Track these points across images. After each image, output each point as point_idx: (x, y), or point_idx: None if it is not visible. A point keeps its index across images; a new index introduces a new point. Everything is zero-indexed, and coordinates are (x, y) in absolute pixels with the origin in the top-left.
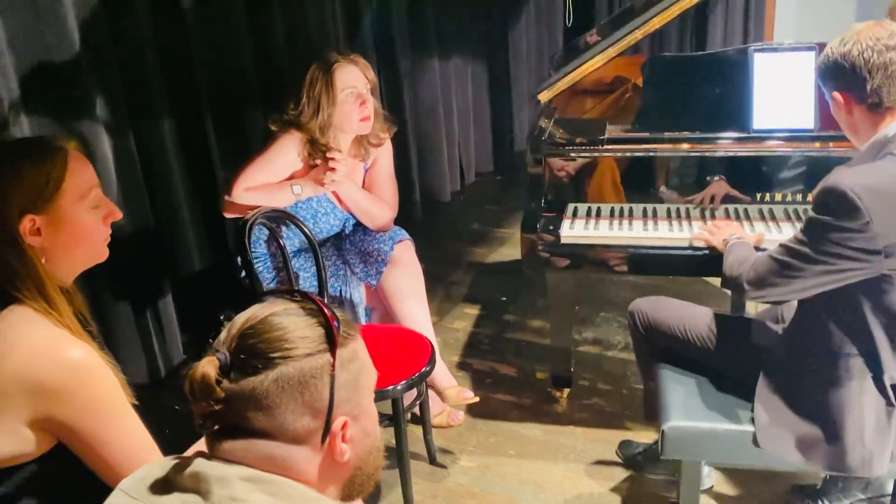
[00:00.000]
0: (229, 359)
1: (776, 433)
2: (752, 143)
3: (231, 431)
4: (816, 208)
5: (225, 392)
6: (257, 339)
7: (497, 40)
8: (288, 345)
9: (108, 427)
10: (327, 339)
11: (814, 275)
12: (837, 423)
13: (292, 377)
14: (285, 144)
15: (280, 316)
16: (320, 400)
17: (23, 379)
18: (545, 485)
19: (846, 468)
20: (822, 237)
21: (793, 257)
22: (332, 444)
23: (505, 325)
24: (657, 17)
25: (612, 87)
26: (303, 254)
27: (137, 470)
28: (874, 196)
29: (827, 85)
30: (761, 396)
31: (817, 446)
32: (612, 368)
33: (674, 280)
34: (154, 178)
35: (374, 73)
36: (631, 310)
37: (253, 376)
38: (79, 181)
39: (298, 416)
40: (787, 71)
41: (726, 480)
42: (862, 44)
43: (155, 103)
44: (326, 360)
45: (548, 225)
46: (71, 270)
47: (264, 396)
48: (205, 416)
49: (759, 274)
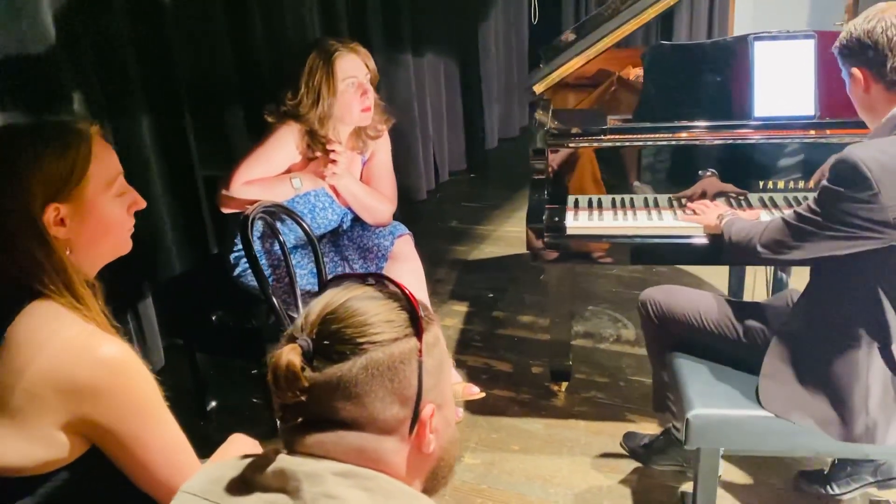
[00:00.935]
0: (312, 346)
1: (780, 392)
2: (753, 131)
3: (315, 424)
4: (829, 178)
5: (309, 381)
6: (341, 325)
7: (467, 39)
8: (374, 329)
9: (147, 428)
10: (412, 323)
11: (825, 239)
12: (843, 390)
13: (382, 363)
14: (283, 136)
15: (361, 300)
16: (409, 387)
17: (56, 379)
18: (553, 479)
19: (850, 436)
20: (833, 206)
21: (805, 223)
22: (419, 434)
23: (495, 321)
24: (652, 7)
25: (596, 80)
26: (299, 250)
27: (200, 472)
28: (884, 169)
29: (847, 61)
30: (770, 359)
31: (822, 410)
32: (606, 361)
33: (659, 272)
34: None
35: (374, 63)
36: (643, 299)
37: (340, 363)
38: (104, 168)
39: (388, 405)
40: (787, 59)
41: (735, 468)
42: (886, 21)
43: (133, 101)
44: (413, 344)
45: (552, 217)
46: (95, 263)
47: (353, 384)
48: (287, 407)
49: (773, 237)
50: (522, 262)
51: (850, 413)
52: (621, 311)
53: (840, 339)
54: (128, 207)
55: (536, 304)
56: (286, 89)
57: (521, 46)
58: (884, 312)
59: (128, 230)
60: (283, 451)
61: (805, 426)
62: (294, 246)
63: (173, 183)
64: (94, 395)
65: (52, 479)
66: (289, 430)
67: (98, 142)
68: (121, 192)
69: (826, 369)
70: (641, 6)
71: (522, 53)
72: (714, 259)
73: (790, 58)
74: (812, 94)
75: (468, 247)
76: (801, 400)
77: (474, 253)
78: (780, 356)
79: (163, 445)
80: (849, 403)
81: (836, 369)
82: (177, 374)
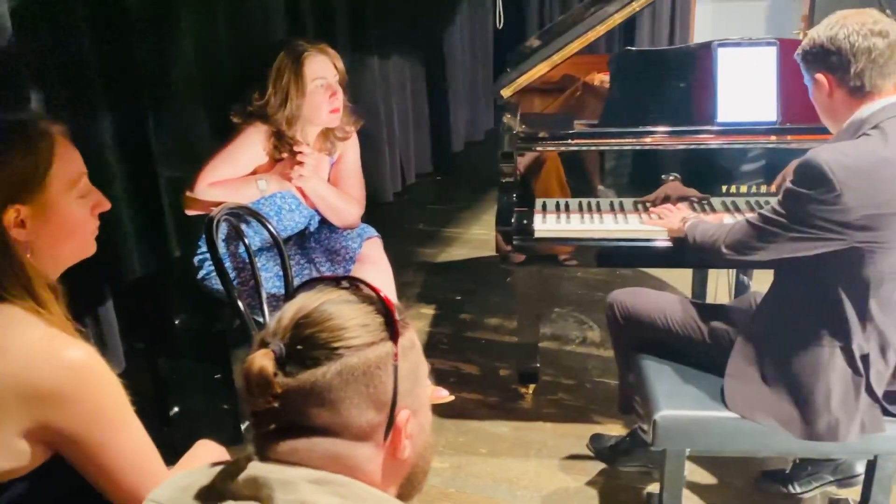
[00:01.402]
0: (285, 351)
1: (744, 393)
2: (716, 136)
3: (288, 430)
4: (794, 180)
5: (282, 387)
6: (315, 329)
7: (433, 42)
8: (349, 334)
9: (113, 434)
10: (387, 327)
11: (788, 240)
12: (806, 389)
13: (357, 368)
14: (250, 138)
15: (335, 304)
16: (385, 392)
17: (18, 385)
18: (520, 482)
19: (813, 434)
20: (797, 207)
21: (769, 224)
22: (394, 439)
23: (462, 324)
24: (617, 13)
25: (562, 85)
26: (264, 253)
27: (168, 480)
28: (847, 171)
29: (810, 67)
30: (734, 360)
31: (785, 410)
32: (572, 363)
33: (623, 275)
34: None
35: (343, 65)
36: (610, 301)
37: (314, 369)
38: (68, 168)
39: (363, 411)
40: (750, 65)
41: (699, 469)
42: (848, 28)
43: (93, 100)
44: (389, 348)
45: (520, 220)
46: (57, 266)
47: (327, 390)
48: (259, 414)
49: (738, 238)
50: (490, 264)
51: (812, 412)
52: (587, 313)
53: (803, 339)
54: (91, 209)
55: (504, 306)
56: (253, 90)
57: (486, 50)
58: (845, 313)
59: (91, 232)
60: (255, 458)
61: (769, 426)
62: (260, 248)
63: (135, 184)
64: (58, 400)
65: (9, 490)
66: (261, 436)
67: (62, 141)
68: (84, 193)
69: (789, 369)
70: (606, 13)
71: (487, 57)
72: (678, 262)
73: (752, 64)
74: (774, 100)
75: (435, 249)
76: (764, 400)
77: (441, 255)
78: (745, 357)
79: (129, 452)
80: (811, 402)
81: (799, 369)
82: (138, 378)
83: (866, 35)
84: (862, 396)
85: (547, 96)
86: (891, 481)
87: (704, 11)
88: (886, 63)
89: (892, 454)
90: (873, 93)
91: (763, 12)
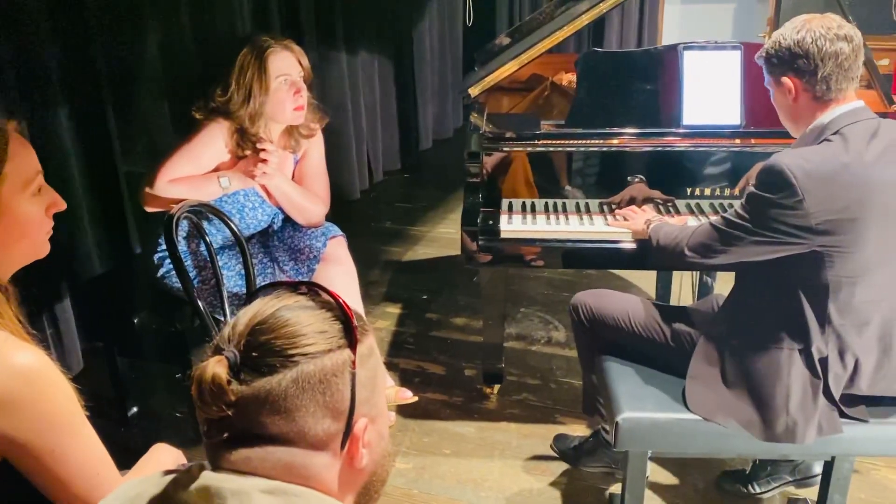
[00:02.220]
0: (239, 358)
1: (705, 395)
2: (681, 139)
3: (242, 439)
4: (756, 185)
5: (236, 395)
6: (271, 336)
7: (401, 38)
8: (306, 340)
9: (64, 441)
10: (345, 334)
11: (750, 244)
12: (765, 391)
13: (313, 376)
14: (211, 134)
15: (292, 310)
16: (342, 400)
17: None
18: (484, 483)
19: (772, 436)
20: (759, 211)
21: (732, 228)
22: (351, 448)
23: (428, 323)
24: (586, 13)
25: (530, 85)
26: (226, 251)
27: (118, 488)
28: (808, 176)
29: (776, 70)
30: (696, 362)
31: (745, 412)
32: (537, 363)
33: (588, 275)
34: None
35: (308, 62)
36: (574, 303)
37: (269, 376)
38: (21, 167)
39: (319, 419)
40: (715, 68)
41: (660, 469)
42: (815, 32)
43: (51, 94)
44: (347, 356)
45: (486, 220)
46: (7, 267)
47: (282, 398)
48: (212, 422)
49: (701, 241)
50: (456, 263)
51: (771, 413)
52: (552, 313)
53: (762, 341)
54: (46, 209)
55: (470, 305)
56: (215, 85)
57: (456, 48)
58: (804, 316)
59: (45, 233)
60: (208, 467)
61: (729, 428)
62: (221, 247)
63: (94, 179)
64: (7, 406)
65: None
66: (213, 445)
67: (15, 138)
68: (39, 193)
69: (749, 371)
70: (575, 13)
71: (457, 55)
72: (642, 264)
73: (717, 68)
74: (738, 104)
75: (402, 248)
76: (725, 402)
77: (408, 254)
78: (706, 359)
79: (80, 459)
80: (771, 404)
81: (759, 371)
82: (96, 378)
83: (833, 39)
84: (820, 399)
85: (515, 95)
86: (847, 482)
87: (673, 13)
88: (850, 68)
89: (848, 455)
90: (837, 98)
91: (730, 14)
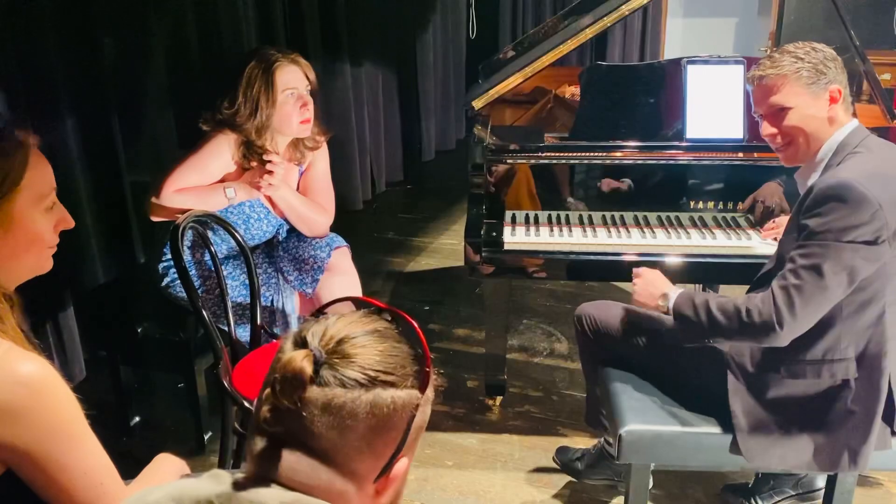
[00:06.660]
0: (324, 360)
1: (760, 442)
2: (684, 152)
3: (292, 442)
4: (822, 209)
5: (311, 394)
6: (360, 351)
7: (405, 51)
8: (390, 370)
9: (68, 450)
10: (419, 375)
11: (833, 280)
12: (821, 424)
13: (384, 405)
14: (218, 145)
15: (384, 336)
16: (395, 436)
17: None
18: (487, 495)
19: (836, 466)
20: (832, 235)
21: (806, 271)
22: (383, 484)
23: (430, 334)
24: (589, 27)
25: (533, 97)
26: (231, 261)
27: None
28: (877, 183)
29: (822, 79)
30: (736, 403)
31: (804, 450)
32: (539, 375)
33: (592, 287)
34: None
35: (314, 74)
36: (578, 314)
37: (347, 389)
38: (38, 181)
39: (365, 448)
40: (718, 83)
41: (664, 482)
42: (825, 51)
43: (58, 103)
44: (415, 397)
45: (490, 231)
46: (11, 278)
47: (349, 415)
48: (276, 411)
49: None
50: (458, 274)
51: (832, 445)
52: (555, 325)
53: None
54: (55, 225)
55: (472, 317)
56: (223, 98)
57: (459, 60)
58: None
59: (50, 249)
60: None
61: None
62: (226, 257)
63: (99, 188)
64: (10, 416)
65: None
66: (260, 437)
67: (35, 153)
68: (51, 209)
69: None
70: (578, 27)
71: (460, 67)
72: None
73: (721, 82)
74: (741, 118)
75: (404, 259)
76: (783, 445)
77: (410, 265)
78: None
79: (85, 469)
80: (829, 436)
81: (813, 403)
82: (99, 387)
83: (836, 58)
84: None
85: (518, 108)
86: (851, 496)
87: (675, 27)
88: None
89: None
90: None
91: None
